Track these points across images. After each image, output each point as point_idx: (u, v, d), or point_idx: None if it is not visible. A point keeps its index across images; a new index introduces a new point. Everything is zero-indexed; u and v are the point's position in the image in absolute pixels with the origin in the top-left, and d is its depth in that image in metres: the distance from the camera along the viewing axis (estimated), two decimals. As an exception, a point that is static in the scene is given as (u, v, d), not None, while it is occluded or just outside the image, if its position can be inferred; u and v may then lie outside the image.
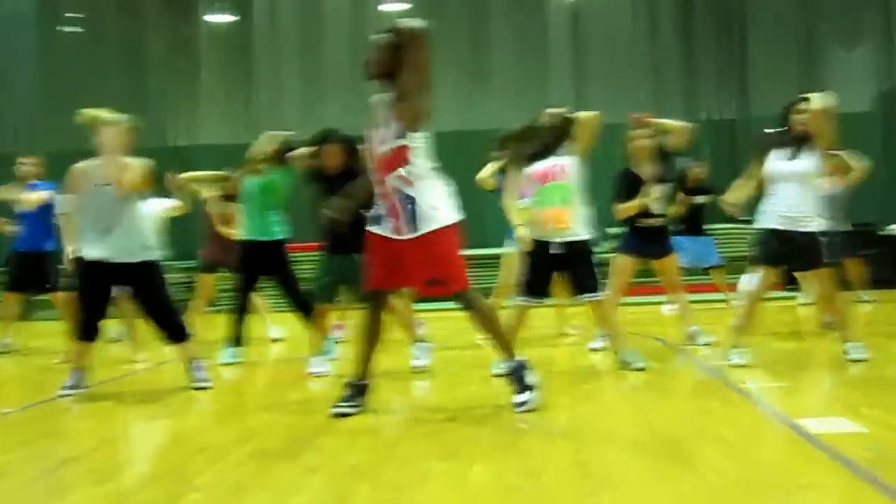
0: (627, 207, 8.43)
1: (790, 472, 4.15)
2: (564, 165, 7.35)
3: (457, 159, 8.74)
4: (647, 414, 5.77)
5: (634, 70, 18.36)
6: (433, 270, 5.84)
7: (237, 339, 8.94)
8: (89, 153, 7.33)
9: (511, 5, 18.58)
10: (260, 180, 8.93)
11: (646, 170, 8.41)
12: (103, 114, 7.26)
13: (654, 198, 8.33)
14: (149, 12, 19.41)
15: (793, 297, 13.27)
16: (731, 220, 8.72)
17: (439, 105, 18.16)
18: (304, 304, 8.62)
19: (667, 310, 12.10)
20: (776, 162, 7.32)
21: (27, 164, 10.66)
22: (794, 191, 7.25)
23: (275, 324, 10.97)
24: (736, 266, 13.36)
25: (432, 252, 5.78)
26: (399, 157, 5.78)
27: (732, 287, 12.68)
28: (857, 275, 11.87)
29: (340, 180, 7.30)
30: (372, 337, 6.05)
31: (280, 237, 9.01)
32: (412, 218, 5.76)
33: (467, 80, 18.15)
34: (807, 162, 7.24)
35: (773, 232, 7.31)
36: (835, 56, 18.45)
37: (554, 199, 7.35)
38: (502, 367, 6.21)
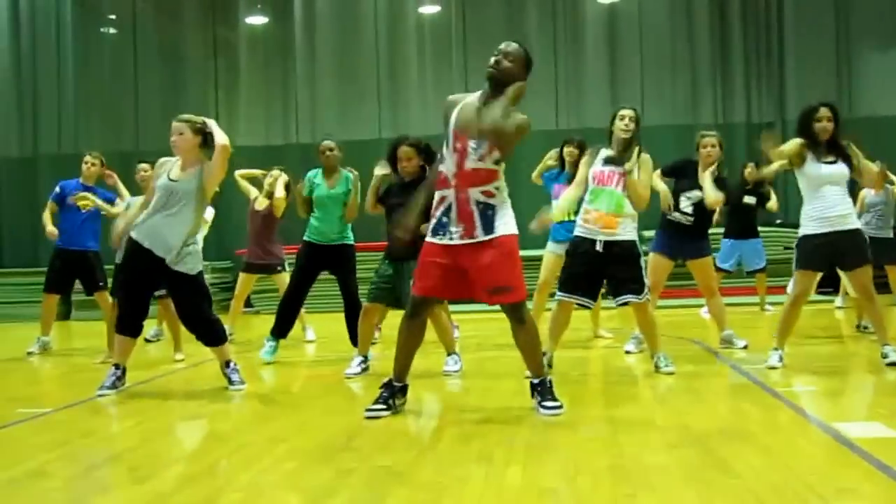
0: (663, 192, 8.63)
1: (828, 476, 4.13)
2: (621, 174, 7.39)
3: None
4: (683, 417, 5.76)
5: (671, 73, 18.32)
6: (501, 277, 5.84)
7: (282, 334, 9.05)
8: (128, 154, 7.40)
9: (547, 8, 18.56)
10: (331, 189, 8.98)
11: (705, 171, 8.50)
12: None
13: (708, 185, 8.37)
14: (188, 14, 19.56)
15: (830, 301, 13.19)
16: (771, 223, 8.73)
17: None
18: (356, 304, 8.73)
19: (705, 313, 12.07)
20: (816, 166, 7.34)
21: (92, 164, 10.40)
22: (835, 192, 7.32)
23: (310, 325, 11.01)
24: (774, 269, 13.33)
25: (503, 254, 5.80)
26: (489, 177, 5.81)
27: (773, 290, 12.64)
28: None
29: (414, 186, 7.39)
30: (413, 341, 6.07)
31: (349, 241, 9.08)
32: (490, 222, 5.79)
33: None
34: (843, 165, 7.36)
35: (816, 236, 7.32)
36: (870, 59, 18.28)
37: (606, 203, 7.38)
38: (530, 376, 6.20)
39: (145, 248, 7.14)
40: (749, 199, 12.51)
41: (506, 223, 5.83)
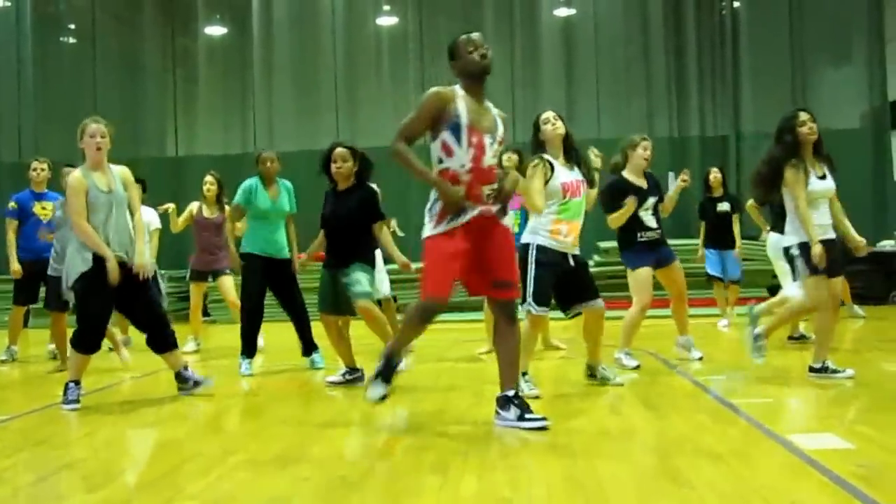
0: (619, 216, 8.47)
1: (781, 488, 4.16)
2: (582, 183, 7.40)
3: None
4: (638, 427, 5.79)
5: (626, 87, 18.50)
6: (511, 270, 5.88)
7: (253, 353, 9.11)
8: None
9: (504, 22, 18.67)
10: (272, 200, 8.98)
11: (639, 181, 8.52)
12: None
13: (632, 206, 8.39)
14: (147, 24, 19.55)
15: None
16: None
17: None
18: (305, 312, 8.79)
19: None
20: (810, 182, 7.38)
21: (41, 170, 10.57)
22: (825, 205, 7.50)
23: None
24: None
25: (511, 244, 5.91)
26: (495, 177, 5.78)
27: (741, 302, 12.68)
28: (844, 290, 11.92)
29: (349, 195, 7.43)
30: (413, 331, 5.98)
31: (288, 255, 9.12)
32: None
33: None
34: (831, 180, 7.51)
35: (824, 242, 7.34)
36: (824, 74, 18.58)
37: (575, 213, 7.36)
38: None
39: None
40: (723, 207, 12.50)
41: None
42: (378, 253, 8.78)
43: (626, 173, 8.59)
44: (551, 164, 7.21)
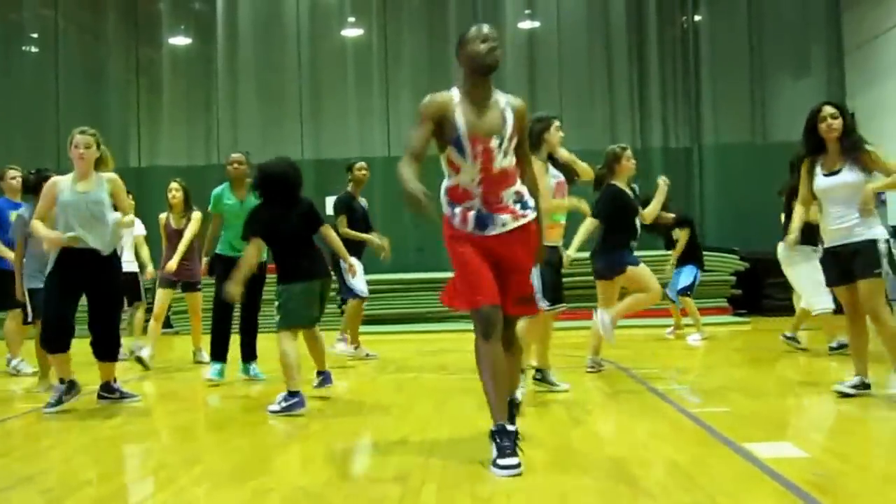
0: (657, 205, 8.76)
1: (738, 496, 4.21)
2: (563, 184, 7.62)
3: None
4: (597, 437, 5.84)
5: (590, 98, 18.65)
6: (530, 285, 5.40)
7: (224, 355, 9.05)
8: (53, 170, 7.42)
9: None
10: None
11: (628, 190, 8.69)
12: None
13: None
14: (111, 34, 19.49)
15: (744, 323, 13.42)
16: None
17: (397, 126, 18.32)
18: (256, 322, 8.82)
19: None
20: (817, 179, 7.03)
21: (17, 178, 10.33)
22: (837, 206, 6.96)
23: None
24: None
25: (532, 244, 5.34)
26: (516, 175, 5.30)
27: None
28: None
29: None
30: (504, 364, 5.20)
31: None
32: (524, 204, 5.29)
33: (424, 104, 18.30)
34: (849, 174, 6.89)
35: (826, 250, 7.17)
36: (784, 85, 18.79)
37: (564, 214, 7.53)
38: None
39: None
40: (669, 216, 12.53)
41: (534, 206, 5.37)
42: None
43: (616, 182, 8.65)
44: (547, 166, 7.42)
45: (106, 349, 7.50)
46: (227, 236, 9.11)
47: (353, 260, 8.73)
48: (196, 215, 10.82)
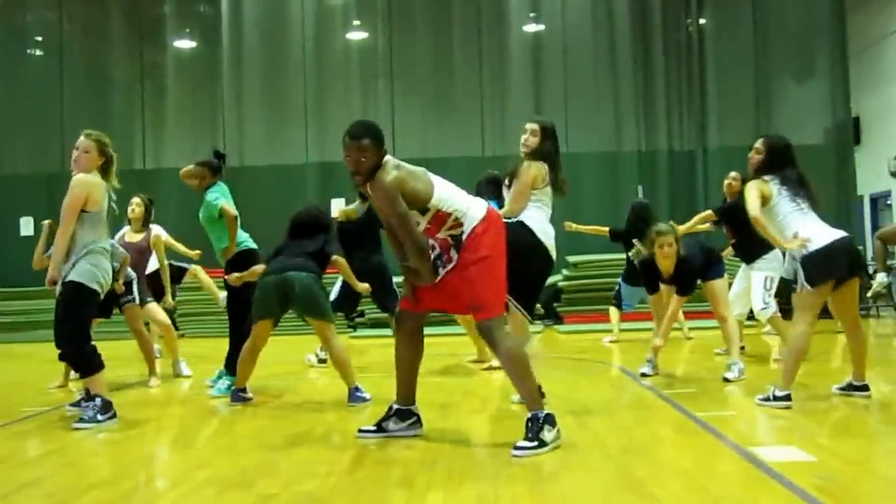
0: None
1: (743, 500, 4.22)
2: None
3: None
4: (602, 440, 5.81)
5: (595, 101, 18.63)
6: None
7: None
8: (54, 175, 7.36)
9: (473, 36, 18.77)
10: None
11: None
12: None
13: None
14: (115, 37, 19.48)
15: (750, 326, 13.37)
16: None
17: (403, 133, 18.27)
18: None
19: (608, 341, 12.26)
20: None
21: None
22: None
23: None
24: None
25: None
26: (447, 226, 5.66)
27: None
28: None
29: None
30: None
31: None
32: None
33: (430, 110, 18.32)
34: None
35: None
36: (788, 90, 18.78)
37: None
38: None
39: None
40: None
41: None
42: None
43: None
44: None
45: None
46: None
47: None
48: (156, 235, 10.55)
